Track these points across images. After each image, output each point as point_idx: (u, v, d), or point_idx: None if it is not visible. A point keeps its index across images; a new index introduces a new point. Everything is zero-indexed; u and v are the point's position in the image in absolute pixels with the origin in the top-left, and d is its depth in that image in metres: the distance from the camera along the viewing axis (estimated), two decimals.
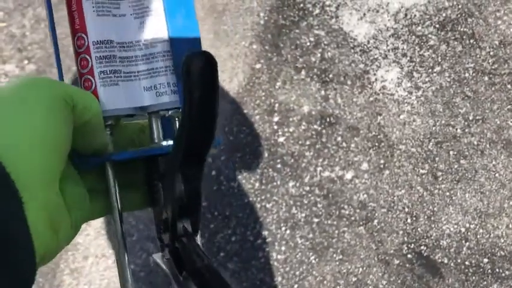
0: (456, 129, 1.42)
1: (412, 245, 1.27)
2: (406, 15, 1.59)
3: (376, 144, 1.41)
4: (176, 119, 0.34)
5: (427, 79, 1.50)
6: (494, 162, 1.36)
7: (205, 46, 1.35)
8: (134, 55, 0.32)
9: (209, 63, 0.26)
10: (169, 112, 0.33)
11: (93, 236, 1.33)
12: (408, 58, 1.54)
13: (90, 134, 0.30)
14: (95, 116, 0.29)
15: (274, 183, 1.37)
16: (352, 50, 1.56)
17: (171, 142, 0.33)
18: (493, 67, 1.50)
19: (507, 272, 1.23)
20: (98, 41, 0.31)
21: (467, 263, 1.25)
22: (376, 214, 1.31)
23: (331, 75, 1.52)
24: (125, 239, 0.33)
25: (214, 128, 0.27)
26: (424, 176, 1.36)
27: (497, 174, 1.35)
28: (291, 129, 1.45)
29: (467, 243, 1.27)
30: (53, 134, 0.25)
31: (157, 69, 0.33)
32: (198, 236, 0.32)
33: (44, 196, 0.25)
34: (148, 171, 0.33)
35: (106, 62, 0.31)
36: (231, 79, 1.53)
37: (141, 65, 0.33)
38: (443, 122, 1.43)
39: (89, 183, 0.31)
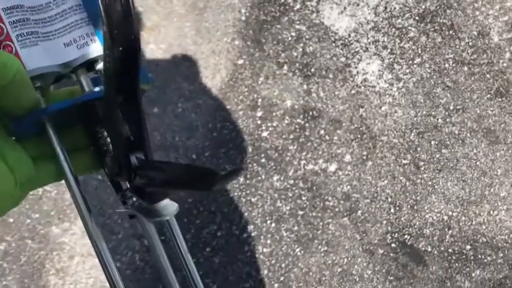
0: (437, 119, 1.43)
1: (396, 234, 1.29)
2: (386, 8, 1.60)
3: (359, 136, 1.42)
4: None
5: (407, 71, 1.51)
6: (475, 151, 1.38)
7: (187, 43, 1.36)
8: (48, 16, 0.33)
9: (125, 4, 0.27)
10: (97, 67, 0.33)
11: (79, 235, 1.33)
12: (389, 50, 1.55)
13: (17, 92, 0.30)
14: (17, 73, 0.29)
15: (259, 178, 1.38)
16: (334, 44, 1.57)
17: (101, 87, 0.33)
18: (472, 57, 1.52)
19: (489, 258, 1.25)
20: (7, 8, 0.31)
21: (450, 250, 1.27)
22: (360, 205, 1.33)
23: (313, 69, 1.53)
24: (86, 200, 0.33)
25: (138, 52, 0.28)
26: (406, 166, 1.37)
27: (478, 163, 1.37)
28: (274, 124, 1.45)
29: (450, 231, 1.29)
30: None
31: (72, 23, 0.33)
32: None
33: None
34: (89, 122, 0.33)
35: (21, 25, 0.32)
36: (213, 75, 1.53)
37: (57, 23, 0.33)
38: (424, 112, 1.45)
39: (32, 150, 0.31)
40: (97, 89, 0.33)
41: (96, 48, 0.33)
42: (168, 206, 0.31)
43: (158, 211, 0.31)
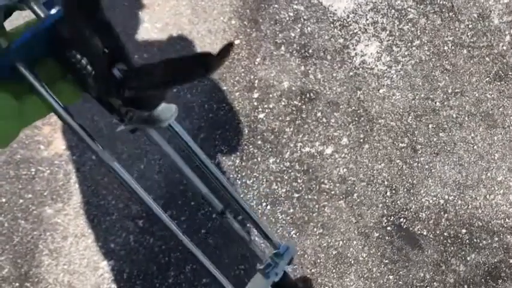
0: (435, 103, 1.42)
1: (392, 217, 1.28)
2: None
3: (356, 118, 1.41)
4: None
5: (406, 53, 1.49)
6: (472, 135, 1.37)
7: (182, 22, 1.33)
8: None
9: None
10: None
11: (73, 215, 1.32)
12: (387, 32, 1.53)
13: None
14: None
15: (255, 160, 1.37)
16: (332, 25, 1.54)
17: (57, 8, 0.31)
18: (471, 40, 1.50)
19: (484, 242, 1.25)
20: None
21: (445, 234, 1.26)
22: (356, 188, 1.32)
23: (310, 51, 1.51)
24: (82, 126, 0.32)
25: None
26: (403, 150, 1.36)
27: (475, 147, 1.36)
28: (271, 106, 1.44)
29: (446, 215, 1.28)
30: None
31: None
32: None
33: None
34: (59, 49, 0.32)
35: None
36: None
37: None
38: (422, 95, 1.43)
39: (14, 89, 0.30)
40: (53, 11, 0.31)
41: None
42: (166, 110, 0.30)
43: (158, 117, 0.30)
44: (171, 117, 0.31)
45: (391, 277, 1.23)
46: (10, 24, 0.35)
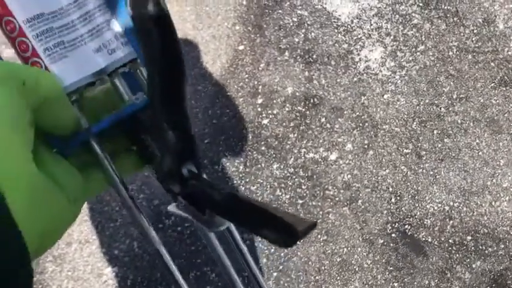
0: (440, 108, 1.41)
1: (396, 224, 1.28)
2: None
3: (360, 124, 1.40)
4: (137, 70, 0.32)
5: (410, 58, 1.49)
6: (477, 141, 1.37)
7: (186, 28, 1.33)
8: (71, 20, 0.30)
9: (158, 9, 0.25)
10: (128, 67, 0.31)
11: (77, 222, 1.32)
12: (392, 37, 1.52)
13: (56, 110, 0.28)
14: (53, 91, 0.27)
15: (259, 166, 1.37)
16: (336, 30, 1.54)
17: (141, 94, 0.31)
18: (476, 45, 1.49)
19: (490, 249, 1.24)
20: (28, 19, 0.29)
21: (451, 241, 1.25)
22: (361, 194, 1.31)
23: (314, 56, 1.51)
24: (135, 202, 0.31)
25: (183, 66, 0.26)
26: (408, 156, 1.36)
27: (480, 153, 1.35)
28: (274, 111, 1.43)
29: (451, 222, 1.27)
30: (7, 112, 0.24)
31: (98, 26, 0.30)
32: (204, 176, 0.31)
33: (25, 182, 0.23)
34: (132, 130, 0.32)
35: (46, 37, 0.29)
36: (213, 61, 1.51)
37: (82, 27, 0.30)
38: (427, 101, 1.43)
39: (77, 160, 0.30)
40: (135, 97, 0.31)
41: (128, 52, 0.31)
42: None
43: (218, 222, 0.29)
44: (226, 224, 0.31)
45: (395, 284, 1.22)
46: None
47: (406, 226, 1.27)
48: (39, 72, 0.28)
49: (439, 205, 1.29)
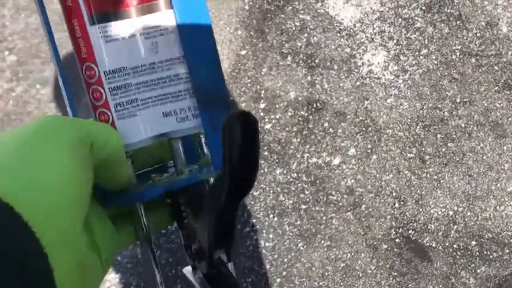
0: (443, 112, 1.41)
1: (400, 229, 1.27)
2: None
3: (364, 129, 1.40)
4: (199, 138, 0.32)
5: (414, 62, 1.48)
6: (481, 145, 1.36)
7: None
8: (150, 79, 0.29)
9: (248, 124, 0.25)
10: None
11: None
12: (395, 41, 1.52)
13: (112, 168, 0.28)
14: (115, 151, 0.27)
15: (261, 171, 1.36)
16: (338, 34, 1.54)
17: (195, 167, 0.31)
18: (480, 48, 1.49)
19: (494, 254, 1.23)
20: (109, 71, 0.28)
21: (455, 246, 1.25)
22: (364, 199, 1.31)
23: (317, 60, 1.50)
24: (155, 256, 0.32)
25: (255, 178, 0.26)
26: (411, 160, 1.35)
27: (484, 157, 1.34)
28: (277, 116, 1.43)
29: (455, 226, 1.27)
30: (75, 178, 0.23)
31: (176, 92, 0.30)
32: (231, 264, 0.32)
33: (72, 251, 0.23)
34: (175, 194, 0.31)
35: (121, 92, 0.29)
36: None
37: (159, 89, 0.30)
38: (430, 105, 1.42)
39: (113, 210, 0.30)
40: (188, 170, 0.31)
41: (196, 124, 0.30)
42: None
43: None
44: None
45: None
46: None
47: (410, 231, 1.27)
48: (107, 133, 0.27)
49: (443, 210, 1.29)
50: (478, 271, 1.22)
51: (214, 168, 0.30)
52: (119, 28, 0.29)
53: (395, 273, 1.23)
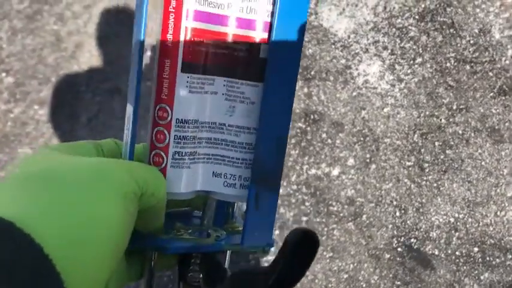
0: (440, 120, 1.41)
1: (402, 238, 1.27)
2: (385, 8, 1.59)
3: (362, 138, 1.40)
4: (231, 209, 0.32)
5: (409, 71, 1.49)
6: (480, 151, 1.36)
7: None
8: (215, 137, 0.29)
9: (307, 239, 0.26)
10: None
11: None
12: (389, 51, 1.53)
13: (151, 217, 0.28)
14: (159, 203, 0.27)
15: None
16: (333, 46, 1.55)
17: (223, 234, 0.31)
18: (474, 55, 1.50)
19: (497, 260, 1.23)
20: (182, 120, 0.28)
21: (457, 253, 1.25)
22: (365, 209, 1.31)
23: (313, 72, 1.51)
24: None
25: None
26: (410, 168, 1.35)
27: (483, 163, 1.35)
28: None
29: (457, 233, 1.27)
30: (117, 234, 0.23)
31: (233, 158, 0.30)
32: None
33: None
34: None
35: (184, 143, 0.29)
36: None
37: (219, 149, 0.30)
38: (427, 113, 1.43)
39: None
40: (218, 234, 0.31)
41: (240, 194, 0.30)
42: None
43: None
44: None
45: None
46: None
47: (412, 240, 1.26)
48: (158, 184, 0.27)
49: (444, 217, 1.29)
50: (482, 278, 1.21)
51: (242, 243, 0.30)
52: (207, 82, 0.29)
53: (398, 283, 1.22)
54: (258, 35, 0.29)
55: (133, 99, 0.28)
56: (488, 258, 1.23)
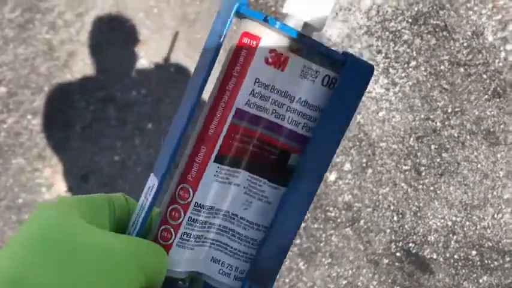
0: (436, 123, 1.42)
1: (400, 242, 1.27)
2: (378, 11, 1.59)
3: (357, 143, 1.40)
4: None
5: (403, 74, 1.49)
6: (475, 153, 1.36)
7: (178, 56, 1.32)
8: (224, 226, 0.30)
9: None
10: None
11: None
12: (383, 55, 1.53)
13: None
14: (158, 282, 0.28)
15: None
16: None
17: None
18: (467, 58, 1.50)
19: (495, 263, 1.23)
20: (201, 204, 0.29)
21: (456, 256, 1.25)
22: (362, 214, 1.31)
23: None
24: None
25: None
26: (407, 172, 1.35)
27: (479, 165, 1.35)
28: None
29: (455, 237, 1.27)
30: None
31: (235, 249, 0.30)
32: None
33: None
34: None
35: (196, 226, 0.29)
36: (207, 88, 1.51)
37: (224, 237, 0.30)
38: (422, 116, 1.43)
39: None
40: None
41: (232, 285, 0.30)
42: None
43: None
44: None
45: None
46: None
47: (410, 244, 1.26)
48: (161, 266, 0.28)
49: (442, 221, 1.29)
50: (480, 281, 1.22)
51: None
52: (233, 174, 0.29)
53: None
54: (292, 144, 0.30)
55: (160, 174, 0.29)
56: (486, 261, 1.23)
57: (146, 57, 1.57)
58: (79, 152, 1.40)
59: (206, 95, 0.31)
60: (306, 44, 0.29)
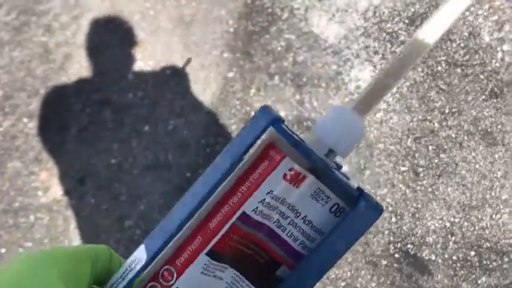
0: (433, 124, 1.41)
1: (399, 244, 1.26)
2: (375, 12, 1.59)
3: (355, 145, 1.40)
4: None
5: None
6: (473, 154, 1.36)
7: (175, 58, 1.32)
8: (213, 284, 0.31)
9: None
10: None
11: None
12: (380, 55, 1.53)
13: None
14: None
15: None
16: (324, 52, 1.55)
17: None
18: (464, 58, 1.50)
19: (494, 263, 1.23)
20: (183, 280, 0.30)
21: (454, 257, 1.24)
22: None
23: (304, 79, 1.51)
24: None
25: None
26: (405, 174, 1.35)
27: (477, 166, 1.35)
28: None
29: (453, 238, 1.26)
30: None
31: None
32: None
33: None
34: None
35: None
36: (204, 90, 1.51)
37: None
38: (420, 117, 1.43)
39: None
40: None
41: None
42: None
43: None
44: None
45: None
46: None
47: (409, 245, 1.26)
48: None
49: (440, 222, 1.28)
50: (479, 282, 1.21)
51: None
52: (219, 269, 0.30)
53: None
54: (284, 257, 0.30)
55: (151, 254, 0.29)
56: (485, 262, 1.23)
57: (143, 59, 1.56)
58: (75, 155, 1.40)
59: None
60: (326, 173, 0.29)
